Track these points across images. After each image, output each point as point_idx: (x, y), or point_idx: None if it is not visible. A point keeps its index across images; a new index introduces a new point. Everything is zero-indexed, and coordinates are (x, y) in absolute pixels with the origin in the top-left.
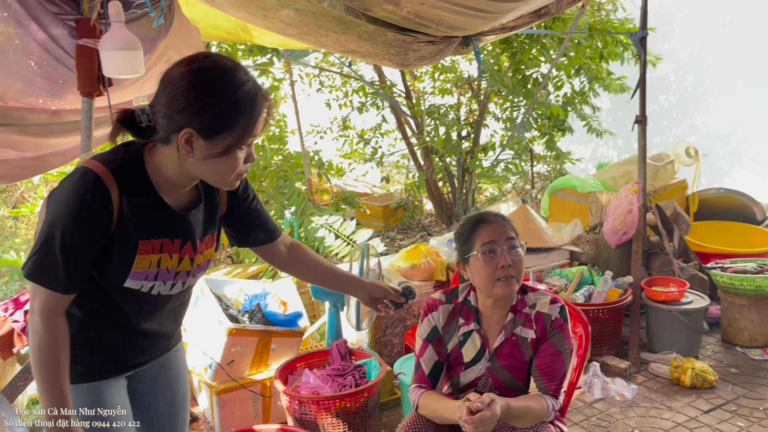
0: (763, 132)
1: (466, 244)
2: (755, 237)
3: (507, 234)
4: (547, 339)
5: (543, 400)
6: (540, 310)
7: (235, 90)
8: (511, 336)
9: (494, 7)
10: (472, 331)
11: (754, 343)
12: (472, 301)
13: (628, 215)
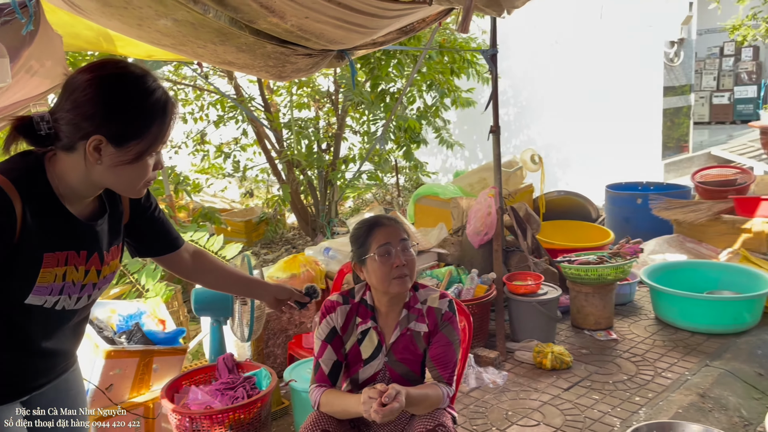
0: (587, 140)
1: (363, 247)
2: (593, 232)
3: (400, 236)
4: (438, 331)
5: (438, 387)
6: (431, 305)
7: (146, 97)
8: (406, 331)
9: (372, 23)
10: (369, 329)
11: (599, 326)
12: (368, 300)
13: (488, 217)
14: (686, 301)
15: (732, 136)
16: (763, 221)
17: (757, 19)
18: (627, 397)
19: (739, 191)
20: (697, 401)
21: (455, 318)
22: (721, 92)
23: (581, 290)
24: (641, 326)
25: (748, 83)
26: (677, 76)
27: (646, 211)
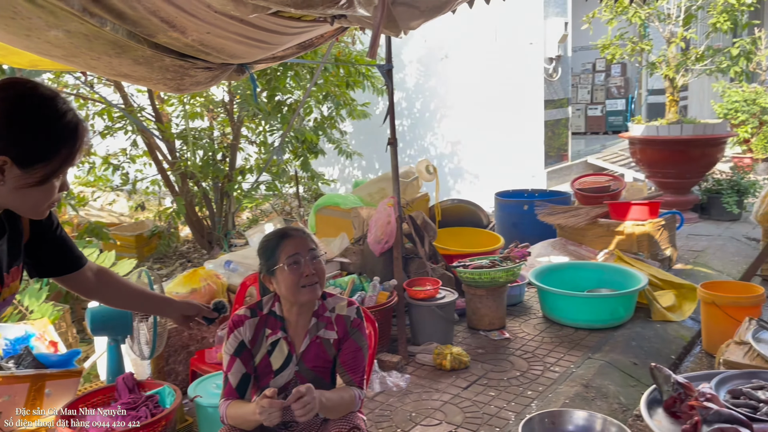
0: (477, 150)
1: (272, 258)
2: (484, 238)
3: (309, 246)
4: (348, 338)
5: (351, 390)
6: (339, 313)
7: (56, 119)
8: (315, 339)
9: (274, 39)
10: (279, 339)
11: (492, 326)
12: (277, 311)
13: (388, 226)
14: (569, 300)
15: (605, 146)
16: (634, 224)
17: (623, 39)
18: (520, 391)
19: (612, 197)
20: (582, 391)
21: (363, 324)
22: (595, 105)
23: (476, 293)
24: (531, 325)
25: (618, 97)
26: (556, 90)
27: (532, 216)
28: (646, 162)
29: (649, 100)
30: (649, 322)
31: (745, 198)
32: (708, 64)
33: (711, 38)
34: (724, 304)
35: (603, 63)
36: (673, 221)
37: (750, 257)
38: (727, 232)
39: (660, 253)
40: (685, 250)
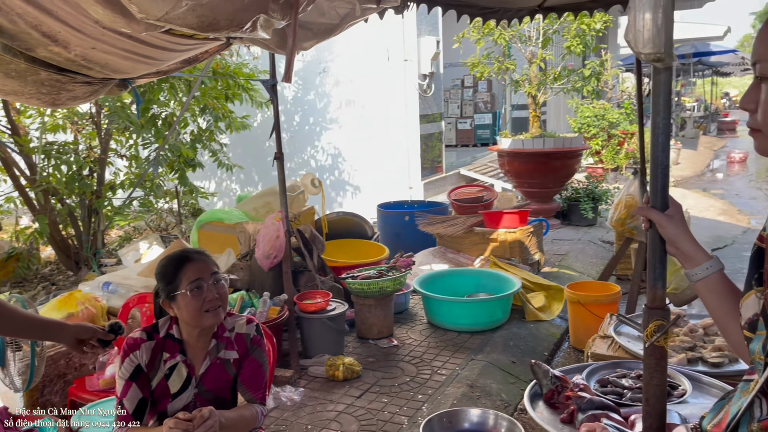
0: (358, 163)
1: (172, 283)
2: (370, 249)
3: (211, 269)
4: (248, 356)
5: (252, 408)
6: (239, 332)
7: None
8: (216, 360)
9: (162, 56)
10: (178, 363)
11: (381, 334)
12: (175, 333)
13: (277, 240)
14: (452, 305)
15: (475, 158)
16: (506, 231)
17: (490, 58)
18: (411, 396)
19: (486, 206)
20: (468, 391)
21: (263, 341)
22: (464, 119)
23: (365, 303)
24: (417, 331)
25: (485, 111)
26: (430, 105)
27: (413, 226)
28: (514, 173)
29: (513, 114)
30: (524, 322)
31: (599, 205)
32: (564, 83)
33: (566, 59)
34: (588, 303)
35: (471, 79)
36: (540, 228)
37: (605, 258)
38: (586, 236)
39: (530, 257)
40: (550, 254)
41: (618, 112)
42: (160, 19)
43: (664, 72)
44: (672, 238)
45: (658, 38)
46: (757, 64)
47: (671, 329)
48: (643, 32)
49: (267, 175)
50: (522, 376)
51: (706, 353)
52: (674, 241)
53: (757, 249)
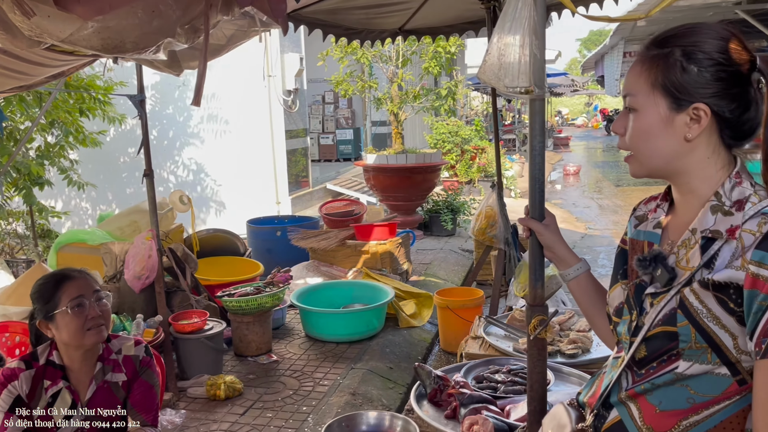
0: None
1: (50, 302)
2: (244, 266)
3: (93, 287)
4: (138, 377)
5: (145, 431)
6: (127, 354)
7: None
8: (103, 384)
9: (35, 71)
10: (61, 390)
11: (260, 351)
12: (55, 360)
13: (149, 260)
14: (329, 317)
15: (339, 172)
16: (377, 243)
17: (353, 76)
18: (295, 408)
19: (356, 220)
20: (350, 399)
21: (153, 362)
22: (327, 134)
23: (243, 320)
24: (296, 345)
25: (346, 127)
26: (295, 120)
27: (285, 242)
28: (379, 187)
29: (373, 131)
30: (398, 329)
31: (458, 216)
32: (423, 102)
33: (424, 79)
34: (455, 307)
35: (332, 95)
36: (408, 239)
37: (465, 266)
38: (447, 245)
39: (399, 267)
40: (416, 263)
41: (469, 129)
42: (65, 40)
43: (538, 102)
44: (548, 245)
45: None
46: (627, 97)
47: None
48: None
49: (122, 193)
50: (400, 381)
51: (563, 346)
52: (550, 247)
53: (621, 250)
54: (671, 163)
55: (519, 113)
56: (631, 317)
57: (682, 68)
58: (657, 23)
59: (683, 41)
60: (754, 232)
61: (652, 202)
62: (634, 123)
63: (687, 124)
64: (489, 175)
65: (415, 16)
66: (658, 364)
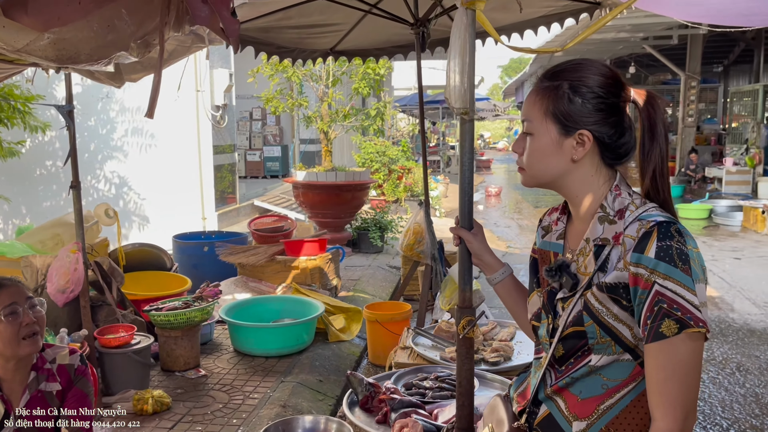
0: (146, 193)
1: None
2: (171, 281)
3: (26, 294)
4: (72, 386)
5: None
6: (61, 363)
7: None
8: (37, 393)
9: None
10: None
11: (188, 365)
12: None
13: (75, 273)
14: (259, 331)
15: (267, 189)
16: (307, 259)
17: (283, 94)
18: (226, 421)
19: (286, 235)
20: (281, 412)
21: (88, 371)
22: (254, 151)
23: (170, 335)
24: (224, 360)
25: (274, 144)
26: (223, 136)
27: (212, 257)
28: (309, 204)
29: (302, 149)
30: (327, 343)
31: (386, 233)
32: (353, 121)
33: (353, 99)
34: (384, 321)
35: (260, 112)
36: (337, 255)
37: (393, 282)
38: (375, 262)
39: (328, 283)
40: (345, 279)
41: (397, 150)
42: (21, 50)
43: (468, 123)
44: (476, 252)
45: (464, 97)
46: (525, 122)
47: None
48: (455, 92)
49: (38, 207)
50: (329, 393)
51: (486, 355)
52: (478, 254)
53: (533, 259)
54: (560, 179)
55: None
56: (548, 321)
57: (569, 99)
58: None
59: (570, 76)
60: (633, 237)
61: (554, 214)
62: (530, 145)
63: (573, 147)
64: (415, 195)
65: (347, 38)
66: (574, 360)
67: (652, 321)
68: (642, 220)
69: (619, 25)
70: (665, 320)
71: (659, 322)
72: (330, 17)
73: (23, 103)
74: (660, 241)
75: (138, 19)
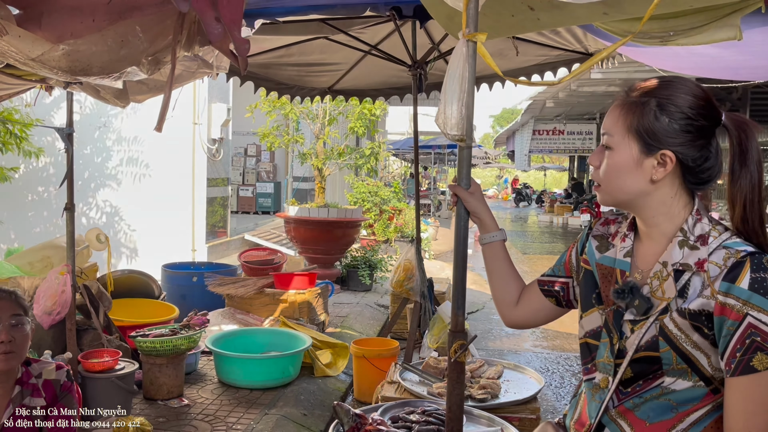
0: (136, 224)
1: None
2: (158, 309)
3: (12, 311)
4: (57, 402)
5: None
6: (47, 378)
7: None
8: (21, 407)
9: None
10: None
11: (171, 394)
12: None
13: (62, 295)
14: (244, 362)
15: (258, 224)
16: (296, 293)
17: (279, 131)
18: None
19: (276, 269)
20: None
21: (74, 387)
22: (246, 186)
23: (155, 362)
24: (208, 390)
25: (267, 181)
26: (218, 169)
27: (201, 287)
28: (300, 239)
29: (295, 186)
30: (313, 378)
31: (375, 272)
32: (348, 159)
33: (348, 138)
34: (371, 356)
35: (255, 148)
36: (326, 290)
37: (381, 320)
38: (363, 300)
39: (316, 317)
40: (333, 315)
41: (389, 190)
42: (36, 59)
43: (466, 149)
44: (474, 210)
45: (461, 125)
46: (605, 135)
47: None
48: (450, 119)
49: (28, 232)
50: (313, 427)
51: (473, 391)
52: (476, 212)
53: (587, 272)
54: (637, 199)
55: (434, 180)
56: (611, 341)
57: (655, 117)
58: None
59: (660, 93)
60: (719, 265)
61: (612, 226)
62: (608, 159)
63: (654, 167)
64: (405, 236)
65: (345, 78)
66: (644, 381)
67: (743, 354)
68: (729, 249)
69: (610, 79)
70: (757, 354)
71: (751, 355)
72: (330, 56)
73: (21, 129)
74: (754, 272)
75: (151, 36)
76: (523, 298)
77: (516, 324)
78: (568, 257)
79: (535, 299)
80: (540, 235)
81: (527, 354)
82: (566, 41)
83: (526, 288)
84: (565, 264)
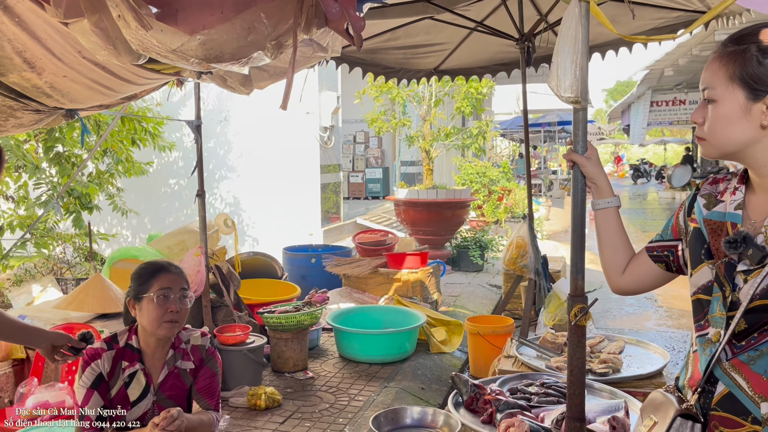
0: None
1: (143, 285)
2: (281, 288)
3: (181, 284)
4: (203, 365)
5: (209, 414)
6: (194, 343)
7: None
8: (174, 369)
9: (121, 88)
10: (137, 371)
11: (297, 367)
12: (134, 343)
13: (198, 275)
14: (364, 338)
15: (369, 209)
16: (409, 272)
17: (387, 115)
18: (332, 420)
19: (388, 249)
20: None
21: (216, 352)
22: (356, 173)
23: (282, 337)
24: (330, 364)
25: (376, 166)
26: (330, 156)
27: (319, 268)
28: (409, 221)
29: (402, 170)
30: (428, 354)
31: (486, 252)
32: (455, 140)
33: (455, 119)
34: (486, 333)
35: (363, 135)
36: (438, 269)
37: (493, 299)
38: (475, 280)
39: (429, 296)
40: (445, 295)
41: (497, 171)
42: (176, 50)
43: (581, 112)
44: (590, 176)
45: (575, 86)
46: (706, 90)
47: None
48: (564, 81)
49: (161, 222)
50: (431, 401)
51: (594, 366)
52: (592, 178)
53: (696, 230)
54: (747, 148)
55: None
56: (723, 294)
57: (758, 62)
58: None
59: (758, 39)
60: None
61: (721, 184)
62: (713, 112)
63: (763, 113)
64: (515, 216)
65: (451, 57)
66: (759, 334)
67: None
68: None
69: None
70: None
71: None
72: (435, 36)
73: (154, 126)
74: None
75: (274, 22)
76: (631, 265)
77: (623, 290)
78: (675, 220)
79: (645, 266)
80: (661, 212)
81: (650, 333)
82: (687, 0)
83: (635, 256)
84: (673, 227)
